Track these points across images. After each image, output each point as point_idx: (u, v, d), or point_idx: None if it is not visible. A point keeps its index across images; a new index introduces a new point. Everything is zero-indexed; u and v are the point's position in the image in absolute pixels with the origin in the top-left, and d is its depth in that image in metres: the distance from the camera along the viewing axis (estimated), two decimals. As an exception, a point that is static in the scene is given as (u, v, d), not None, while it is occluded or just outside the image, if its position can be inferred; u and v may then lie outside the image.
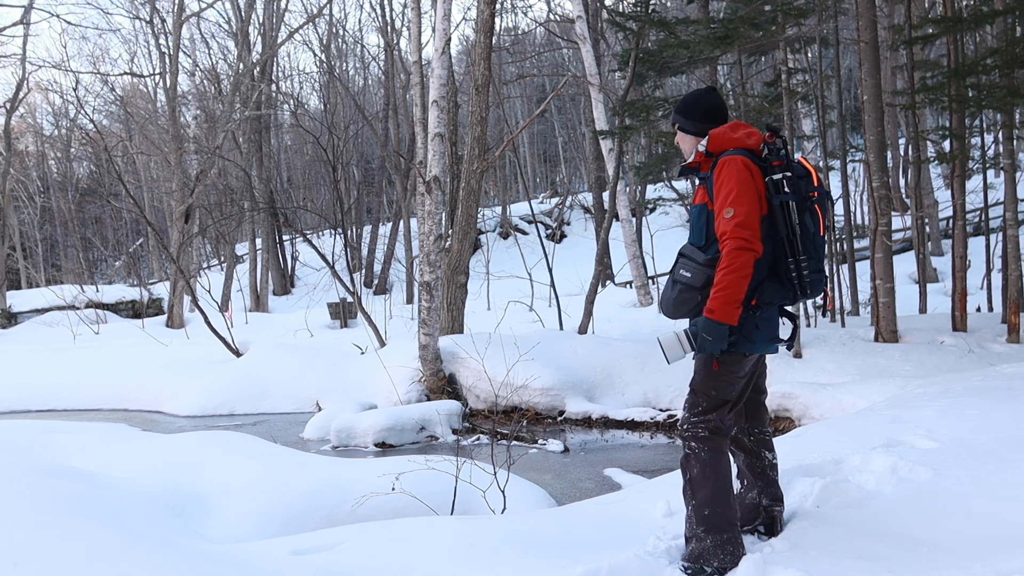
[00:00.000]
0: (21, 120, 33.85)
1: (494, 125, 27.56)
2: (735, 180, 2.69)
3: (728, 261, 2.61)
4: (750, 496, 2.98)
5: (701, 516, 2.68)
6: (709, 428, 2.72)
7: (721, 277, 2.62)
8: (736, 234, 2.62)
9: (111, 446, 5.68)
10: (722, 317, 2.61)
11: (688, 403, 2.81)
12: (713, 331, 2.62)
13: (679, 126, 3.00)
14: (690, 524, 2.72)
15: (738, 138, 2.87)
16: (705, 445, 2.71)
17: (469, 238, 10.23)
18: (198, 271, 26.55)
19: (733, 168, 2.72)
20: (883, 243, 8.69)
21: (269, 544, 3.36)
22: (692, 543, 2.71)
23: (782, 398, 7.14)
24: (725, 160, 2.75)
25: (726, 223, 2.65)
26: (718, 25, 10.47)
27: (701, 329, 2.64)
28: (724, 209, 2.67)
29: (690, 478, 2.72)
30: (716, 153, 2.85)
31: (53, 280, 31.97)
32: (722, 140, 2.86)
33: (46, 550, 2.47)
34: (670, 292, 2.87)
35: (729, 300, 2.61)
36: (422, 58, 12.50)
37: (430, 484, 4.60)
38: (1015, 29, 9.66)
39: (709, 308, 2.63)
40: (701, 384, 2.76)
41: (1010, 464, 3.27)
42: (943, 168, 17.25)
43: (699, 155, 2.90)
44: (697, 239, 2.84)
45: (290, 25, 29.04)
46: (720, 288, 2.61)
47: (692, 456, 2.73)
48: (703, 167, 2.90)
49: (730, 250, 2.62)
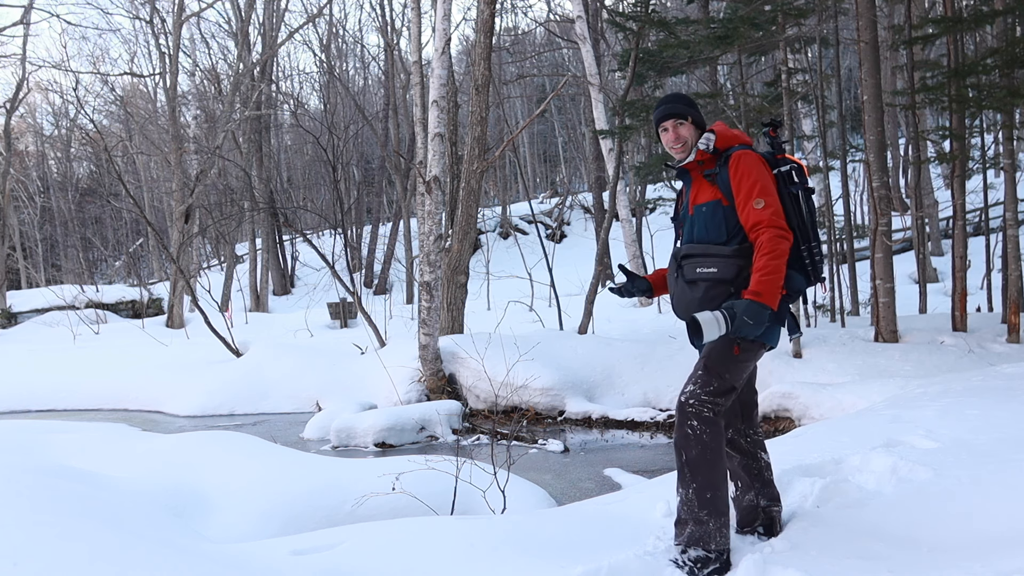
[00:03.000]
0: (21, 120, 33.85)
1: (494, 125, 27.57)
2: (757, 172, 2.75)
3: (771, 247, 2.63)
4: (747, 498, 2.95)
5: (704, 499, 2.64)
6: (715, 410, 2.68)
7: (766, 262, 2.62)
8: (774, 222, 2.67)
9: (111, 446, 5.68)
10: (769, 300, 2.59)
11: (700, 379, 2.71)
12: (756, 314, 2.57)
13: (693, 119, 2.94)
14: (690, 507, 2.66)
15: (739, 135, 2.92)
16: (708, 428, 2.66)
17: (469, 238, 10.23)
18: (198, 271, 26.55)
19: (753, 161, 2.77)
20: (883, 243, 8.69)
21: (269, 544, 3.35)
22: (691, 525, 2.66)
23: (782, 398, 7.13)
24: (740, 155, 2.79)
25: (759, 213, 2.69)
26: (718, 25, 10.47)
27: (743, 312, 2.57)
28: (754, 200, 2.71)
29: (687, 459, 2.66)
30: (723, 150, 2.87)
31: (53, 280, 31.97)
32: (729, 137, 2.89)
33: (46, 550, 2.47)
34: (690, 293, 2.81)
35: (776, 283, 2.61)
36: (422, 58, 12.50)
37: (430, 484, 4.60)
38: (1015, 29, 9.66)
39: (755, 291, 2.60)
40: (718, 365, 2.71)
41: (1010, 464, 3.27)
42: (943, 168, 17.23)
43: (702, 153, 2.89)
44: (716, 236, 2.81)
45: (290, 25, 29.08)
46: (766, 272, 2.61)
47: (693, 436, 2.66)
48: (708, 164, 2.90)
49: (771, 236, 2.64)
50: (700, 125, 2.95)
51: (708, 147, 2.87)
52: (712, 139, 2.88)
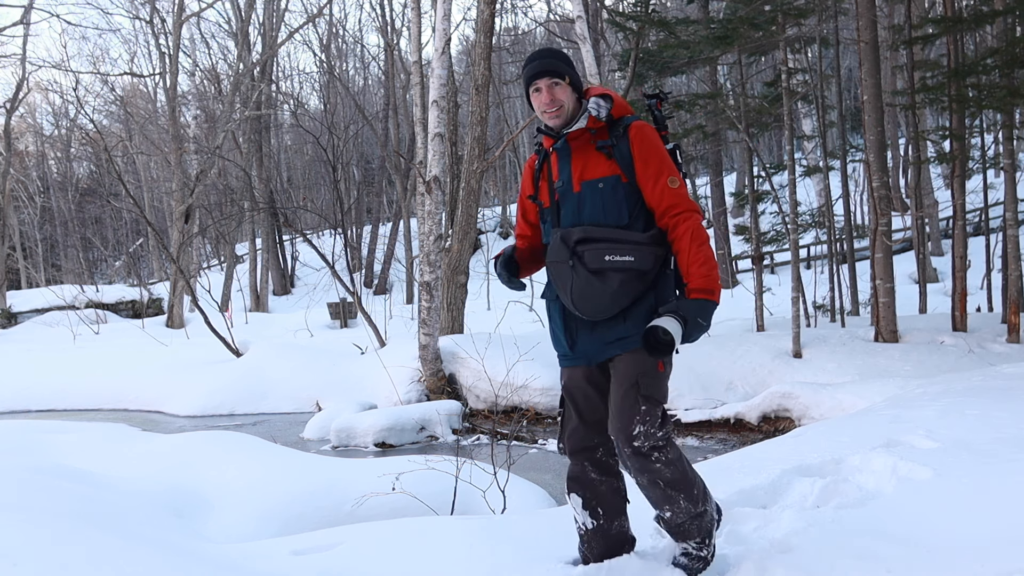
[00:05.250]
0: (21, 120, 33.84)
1: (494, 125, 27.56)
2: (661, 148, 2.46)
3: (704, 235, 2.37)
4: (616, 525, 2.61)
5: (693, 495, 2.44)
6: (668, 436, 2.43)
7: (704, 254, 2.34)
8: (694, 205, 2.40)
9: (111, 446, 5.68)
10: (718, 296, 2.34)
11: (646, 417, 2.36)
12: (709, 315, 2.31)
13: (571, 79, 2.49)
14: (687, 511, 2.44)
15: (627, 104, 2.57)
16: (670, 450, 2.42)
17: (469, 238, 10.23)
18: (198, 271, 26.55)
19: (655, 135, 2.47)
20: (883, 243, 8.69)
21: (269, 544, 3.35)
22: (696, 521, 2.47)
23: (782, 398, 7.13)
24: (641, 125, 2.46)
25: (675, 194, 2.39)
26: (718, 25, 10.49)
27: (695, 314, 2.28)
28: (667, 178, 2.40)
29: (666, 483, 2.41)
30: (617, 118, 2.50)
31: (53, 280, 31.97)
32: (622, 105, 2.53)
33: (45, 550, 2.47)
34: (599, 285, 2.37)
35: (717, 276, 2.35)
36: (422, 58, 12.49)
37: (430, 484, 4.59)
38: (1015, 29, 9.67)
39: (705, 288, 2.31)
40: (654, 391, 2.39)
41: (1010, 464, 3.27)
42: (943, 168, 17.25)
43: (594, 120, 2.49)
44: (615, 217, 2.42)
45: (290, 25, 29.07)
46: (712, 266, 2.33)
47: (663, 464, 2.40)
48: (601, 134, 2.49)
49: (699, 223, 2.38)
50: (577, 87, 2.52)
51: (601, 114, 2.46)
52: (607, 106, 2.47)
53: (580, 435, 2.55)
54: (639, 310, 2.41)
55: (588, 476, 2.56)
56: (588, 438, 2.55)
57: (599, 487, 2.56)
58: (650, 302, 2.42)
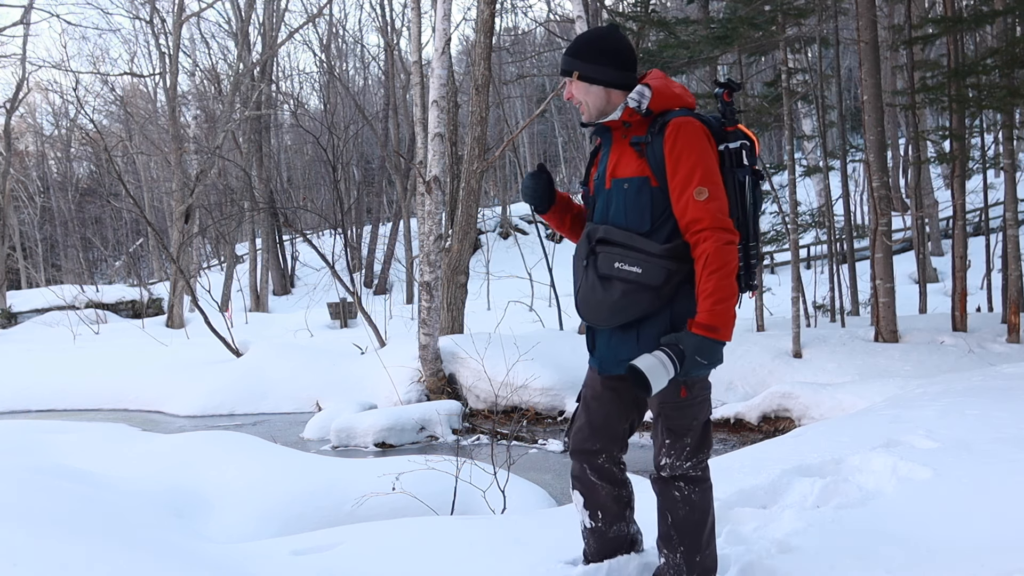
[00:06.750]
0: (21, 120, 33.85)
1: (494, 125, 27.54)
2: (700, 150, 2.16)
3: (720, 261, 2.08)
4: (614, 529, 2.52)
5: (693, 563, 2.31)
6: (701, 467, 2.32)
7: (716, 284, 2.08)
8: (720, 223, 2.11)
9: (111, 446, 5.68)
10: (724, 334, 2.09)
11: (671, 449, 2.28)
12: (710, 352, 2.10)
13: (580, 73, 2.30)
14: (677, 570, 2.32)
15: (680, 95, 2.30)
16: (696, 486, 2.30)
17: (469, 238, 10.23)
18: (198, 271, 26.55)
19: (694, 135, 2.17)
20: (883, 243, 8.69)
21: (269, 544, 3.35)
22: None
23: (782, 398, 7.14)
24: (680, 123, 2.18)
25: (701, 208, 2.12)
26: (718, 25, 10.49)
27: (693, 351, 2.09)
28: (694, 188, 2.13)
29: (674, 522, 2.31)
30: (658, 112, 2.25)
31: (53, 280, 31.97)
32: (668, 96, 2.26)
33: (45, 551, 2.47)
34: (602, 292, 2.23)
35: (731, 311, 2.10)
36: (422, 58, 12.49)
37: (430, 484, 4.59)
38: (1015, 29, 9.67)
39: (708, 324, 2.08)
40: (679, 421, 2.27)
41: (1010, 464, 3.28)
42: (943, 168, 17.24)
43: (630, 112, 2.26)
44: (637, 222, 2.22)
45: (290, 25, 29.06)
46: (720, 299, 2.08)
47: (681, 498, 2.29)
48: (636, 129, 2.28)
49: (719, 246, 2.09)
50: (590, 79, 2.30)
51: (640, 107, 2.24)
52: (647, 96, 2.23)
53: (583, 436, 2.48)
54: (650, 330, 2.22)
55: (587, 478, 2.49)
56: (590, 441, 2.46)
57: (599, 491, 2.48)
58: (664, 321, 2.22)
